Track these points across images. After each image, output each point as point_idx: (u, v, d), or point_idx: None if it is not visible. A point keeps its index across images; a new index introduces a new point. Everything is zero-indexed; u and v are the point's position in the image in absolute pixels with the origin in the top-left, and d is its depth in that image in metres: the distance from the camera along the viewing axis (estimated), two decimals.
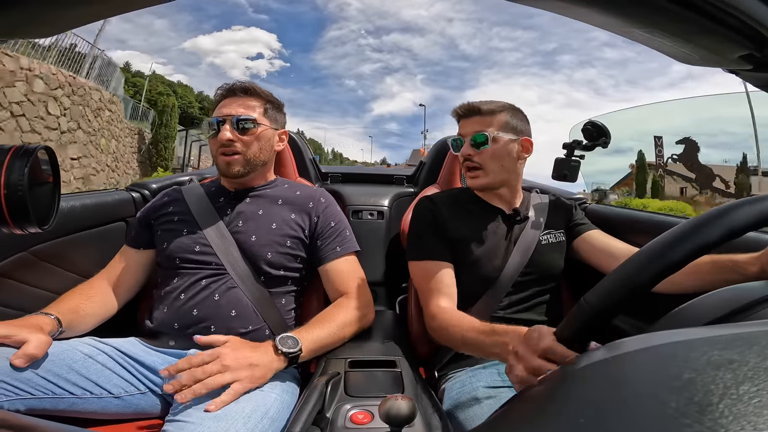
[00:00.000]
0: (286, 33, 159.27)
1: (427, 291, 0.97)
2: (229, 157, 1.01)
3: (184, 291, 0.94)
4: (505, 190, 1.08)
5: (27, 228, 0.42)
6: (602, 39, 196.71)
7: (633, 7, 0.36)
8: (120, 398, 0.81)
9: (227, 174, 1.03)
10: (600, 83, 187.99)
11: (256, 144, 1.04)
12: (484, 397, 0.82)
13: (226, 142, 1.00)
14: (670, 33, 0.38)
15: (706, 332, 0.29)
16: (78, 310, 0.89)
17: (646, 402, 0.22)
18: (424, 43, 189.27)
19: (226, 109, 1.02)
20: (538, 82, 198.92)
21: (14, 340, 0.72)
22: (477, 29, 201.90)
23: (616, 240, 1.04)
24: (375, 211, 1.60)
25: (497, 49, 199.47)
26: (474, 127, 1.03)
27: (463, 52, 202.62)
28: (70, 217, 1.04)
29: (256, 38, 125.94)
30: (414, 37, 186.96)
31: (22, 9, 0.31)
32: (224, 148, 1.00)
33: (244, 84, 1.06)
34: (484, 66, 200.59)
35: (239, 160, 1.01)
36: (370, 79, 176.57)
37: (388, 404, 0.49)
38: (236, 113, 1.01)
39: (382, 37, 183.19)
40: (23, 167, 0.40)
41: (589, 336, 0.48)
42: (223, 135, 0.99)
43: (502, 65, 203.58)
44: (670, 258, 0.41)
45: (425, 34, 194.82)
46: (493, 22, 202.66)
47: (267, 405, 0.73)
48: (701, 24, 0.34)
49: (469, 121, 1.05)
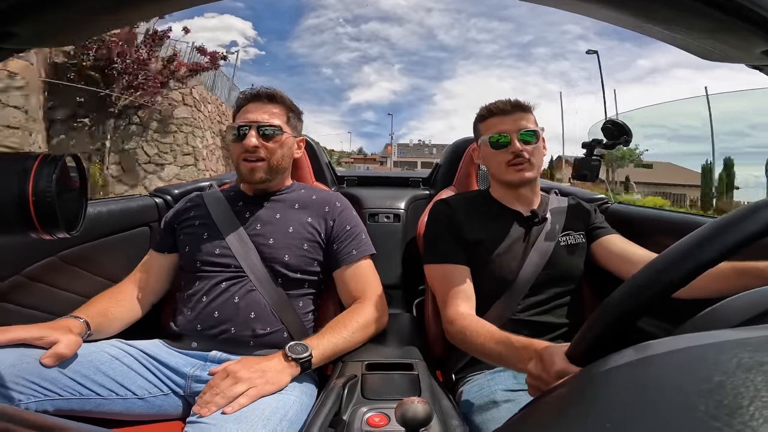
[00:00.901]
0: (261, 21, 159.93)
1: (445, 295, 0.97)
2: (253, 163, 1.02)
3: (206, 294, 0.96)
4: (528, 190, 1.08)
5: (55, 233, 0.44)
6: (576, 32, 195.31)
7: (653, 5, 0.35)
8: (143, 399, 0.83)
9: (250, 180, 1.04)
10: (572, 75, 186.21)
11: (280, 151, 1.04)
12: (503, 400, 0.81)
13: (251, 149, 1.00)
14: (691, 29, 0.37)
15: (736, 334, 0.28)
16: (106, 314, 0.92)
17: (674, 405, 0.21)
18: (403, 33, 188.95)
19: (251, 115, 1.02)
20: (513, 74, 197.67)
21: (46, 342, 0.75)
22: (455, 20, 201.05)
23: (635, 245, 1.02)
24: (391, 214, 1.60)
25: (474, 41, 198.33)
26: (521, 123, 1.03)
27: (441, 43, 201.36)
28: (97, 223, 1.08)
29: (230, 26, 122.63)
30: (392, 27, 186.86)
31: (47, 17, 0.32)
32: (248, 154, 1.01)
33: (268, 90, 1.06)
34: (461, 57, 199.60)
35: (263, 167, 1.02)
36: (347, 67, 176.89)
37: (404, 407, 0.49)
38: (261, 120, 1.02)
39: (360, 25, 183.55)
40: (51, 174, 0.42)
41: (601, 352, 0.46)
42: (249, 141, 1.00)
43: (479, 56, 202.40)
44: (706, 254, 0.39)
45: (404, 23, 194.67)
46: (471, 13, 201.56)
47: (286, 407, 0.74)
48: (723, 19, 0.33)
49: (512, 118, 1.04)
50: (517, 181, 1.05)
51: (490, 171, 1.11)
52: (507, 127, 1.04)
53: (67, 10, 0.33)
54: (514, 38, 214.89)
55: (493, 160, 1.07)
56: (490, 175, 1.13)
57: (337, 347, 0.87)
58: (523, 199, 1.08)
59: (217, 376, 0.75)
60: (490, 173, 1.13)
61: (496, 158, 1.06)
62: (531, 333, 0.81)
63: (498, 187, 1.12)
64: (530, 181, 1.06)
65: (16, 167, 0.41)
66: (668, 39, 0.38)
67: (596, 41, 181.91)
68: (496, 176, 1.09)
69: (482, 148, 1.11)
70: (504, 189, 1.09)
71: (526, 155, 1.02)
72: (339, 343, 0.87)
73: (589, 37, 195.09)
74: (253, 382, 0.74)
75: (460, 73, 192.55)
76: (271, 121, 1.03)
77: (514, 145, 1.02)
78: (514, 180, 1.05)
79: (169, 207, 1.28)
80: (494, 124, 1.06)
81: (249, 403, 0.71)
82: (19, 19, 0.34)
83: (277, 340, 0.95)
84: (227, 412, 0.68)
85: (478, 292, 0.98)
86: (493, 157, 1.07)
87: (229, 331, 0.92)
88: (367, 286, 1.02)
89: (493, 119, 1.07)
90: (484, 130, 1.09)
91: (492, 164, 1.08)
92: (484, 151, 1.10)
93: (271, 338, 0.95)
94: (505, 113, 1.05)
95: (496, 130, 1.05)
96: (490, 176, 1.13)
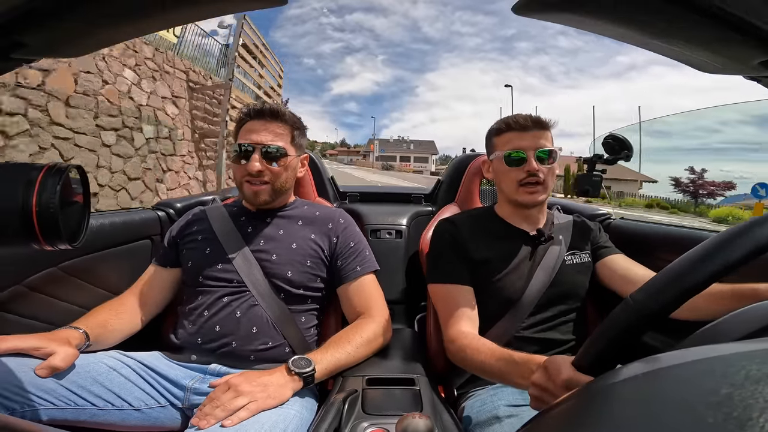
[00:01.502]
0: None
1: (448, 315, 0.96)
2: (257, 186, 1.00)
3: (208, 308, 0.96)
4: (537, 210, 1.06)
5: (57, 244, 0.44)
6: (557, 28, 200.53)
7: (651, 19, 0.36)
8: (140, 411, 0.82)
9: (253, 203, 1.03)
10: (551, 70, 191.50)
11: (284, 174, 1.03)
12: (506, 415, 0.79)
13: (256, 173, 0.99)
14: (688, 42, 0.37)
15: (743, 347, 0.28)
16: (106, 325, 0.92)
17: (682, 418, 0.21)
18: (387, 24, 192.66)
19: (256, 136, 0.99)
20: (496, 67, 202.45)
21: (43, 352, 0.74)
22: (440, 12, 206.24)
23: (638, 265, 1.01)
24: (393, 230, 1.60)
25: (458, 33, 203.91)
26: (539, 142, 1.00)
27: (425, 35, 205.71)
28: (99, 235, 1.08)
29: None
30: (377, 18, 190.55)
31: (57, 28, 0.33)
32: (252, 178, 1.00)
33: (273, 107, 1.03)
34: (445, 49, 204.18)
35: (266, 190, 1.01)
36: (330, 58, 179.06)
37: (405, 422, 0.49)
38: (266, 141, 0.99)
39: (344, 16, 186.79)
40: (55, 185, 0.42)
41: (612, 362, 0.46)
42: (253, 167, 0.97)
43: (463, 49, 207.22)
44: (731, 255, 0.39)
45: (389, 14, 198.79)
46: (456, 6, 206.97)
47: (286, 422, 0.73)
48: (720, 32, 0.34)
49: (530, 134, 1.00)
50: (529, 203, 1.03)
51: (501, 188, 1.08)
52: (524, 144, 1.00)
53: (77, 20, 0.34)
54: (497, 32, 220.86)
55: (506, 177, 1.04)
56: (499, 192, 1.10)
57: (340, 362, 0.86)
58: (531, 218, 1.07)
59: (218, 389, 0.74)
60: (499, 190, 1.10)
61: (509, 175, 1.03)
62: (535, 349, 0.81)
63: (505, 206, 1.10)
64: (541, 204, 1.05)
65: (21, 178, 0.42)
66: (667, 52, 0.39)
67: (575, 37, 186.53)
68: (506, 194, 1.07)
69: (495, 163, 1.08)
70: (512, 208, 1.08)
71: (541, 176, 0.99)
72: (342, 358, 0.86)
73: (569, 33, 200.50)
74: (255, 396, 0.73)
75: (443, 65, 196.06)
76: (275, 142, 1.00)
77: (531, 164, 0.99)
78: (526, 202, 1.02)
79: (171, 220, 1.28)
80: (510, 140, 1.02)
81: (249, 416, 0.69)
82: (29, 30, 0.35)
83: (279, 355, 0.94)
84: (227, 425, 0.67)
85: (482, 310, 0.97)
86: (506, 174, 1.03)
87: (230, 345, 0.92)
88: (371, 302, 1.01)
89: (510, 134, 1.03)
90: (500, 145, 1.05)
91: (504, 181, 1.05)
92: (496, 166, 1.07)
93: (273, 353, 0.94)
94: (525, 129, 1.01)
95: (512, 146, 1.01)
96: (499, 193, 1.11)
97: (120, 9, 0.34)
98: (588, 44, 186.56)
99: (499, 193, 1.12)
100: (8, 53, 0.37)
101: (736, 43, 0.34)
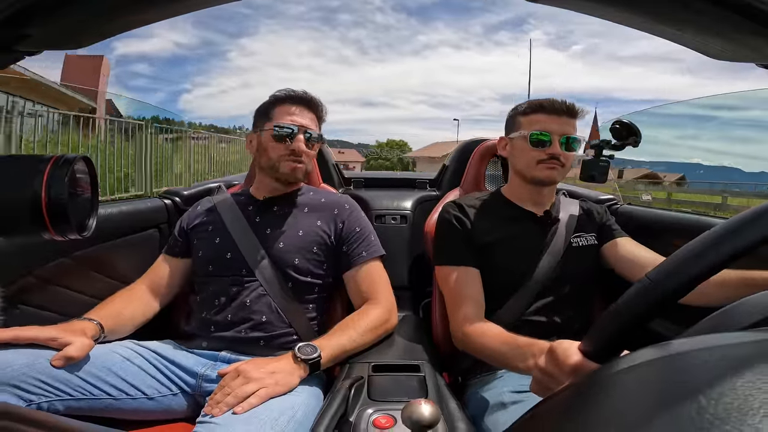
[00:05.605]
0: None
1: (454, 298, 0.96)
2: (297, 164, 1.04)
3: (217, 298, 0.97)
4: (549, 189, 1.07)
5: (67, 234, 0.44)
6: (376, 4, 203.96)
7: (663, 6, 0.35)
8: (153, 399, 0.84)
9: (289, 178, 1.05)
10: (366, 43, 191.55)
11: (313, 158, 1.10)
12: (510, 401, 0.80)
13: (299, 153, 1.03)
14: (701, 30, 0.37)
15: (747, 336, 0.28)
16: (119, 315, 0.93)
17: (685, 407, 0.21)
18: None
19: (300, 119, 1.05)
20: (315, 36, 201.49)
21: (58, 343, 0.76)
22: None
23: (645, 249, 1.00)
24: (398, 215, 1.60)
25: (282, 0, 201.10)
26: (567, 129, 1.01)
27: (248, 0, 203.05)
28: (107, 225, 1.09)
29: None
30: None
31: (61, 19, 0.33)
32: (294, 156, 1.03)
33: (310, 96, 1.09)
34: (266, 15, 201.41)
35: (302, 170, 1.06)
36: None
37: (410, 408, 0.49)
38: (309, 126, 1.05)
39: None
40: (64, 176, 0.42)
41: (620, 347, 0.46)
42: (299, 146, 1.03)
43: (285, 17, 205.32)
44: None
45: None
46: None
47: (294, 408, 0.74)
48: (733, 19, 0.33)
49: (560, 120, 1.01)
50: (545, 180, 1.02)
51: (517, 166, 1.08)
52: (553, 127, 1.00)
53: (81, 12, 0.33)
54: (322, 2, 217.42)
55: (525, 156, 1.03)
56: (514, 171, 1.10)
57: (346, 348, 0.87)
58: (540, 199, 1.07)
59: (228, 376, 0.76)
60: (513, 169, 1.09)
61: (529, 154, 1.02)
62: (541, 333, 0.81)
63: (516, 186, 1.09)
64: (555, 183, 1.05)
65: (30, 169, 0.42)
66: (679, 39, 0.38)
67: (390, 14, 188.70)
68: (522, 172, 1.06)
69: (515, 141, 1.06)
70: (522, 187, 1.07)
71: (562, 159, 1.00)
72: (347, 344, 0.87)
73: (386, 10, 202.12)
74: (264, 383, 0.74)
75: (261, 31, 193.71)
76: (315, 129, 1.07)
77: (555, 147, 0.99)
78: (543, 178, 1.02)
79: (177, 208, 1.29)
80: (539, 121, 1.02)
81: (259, 403, 0.71)
82: (33, 21, 0.34)
83: (286, 343, 0.95)
84: (238, 412, 0.68)
85: (489, 292, 0.97)
86: (526, 152, 1.03)
87: (240, 333, 0.93)
88: (377, 288, 1.02)
89: (539, 115, 1.02)
90: (526, 125, 1.04)
91: (521, 159, 1.04)
92: (517, 144, 1.06)
93: (281, 340, 0.96)
94: (556, 113, 1.01)
95: (540, 127, 1.01)
96: (513, 172, 1.10)
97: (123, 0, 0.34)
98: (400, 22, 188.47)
99: (511, 173, 1.11)
100: (12, 45, 0.37)
101: (751, 30, 0.34)
